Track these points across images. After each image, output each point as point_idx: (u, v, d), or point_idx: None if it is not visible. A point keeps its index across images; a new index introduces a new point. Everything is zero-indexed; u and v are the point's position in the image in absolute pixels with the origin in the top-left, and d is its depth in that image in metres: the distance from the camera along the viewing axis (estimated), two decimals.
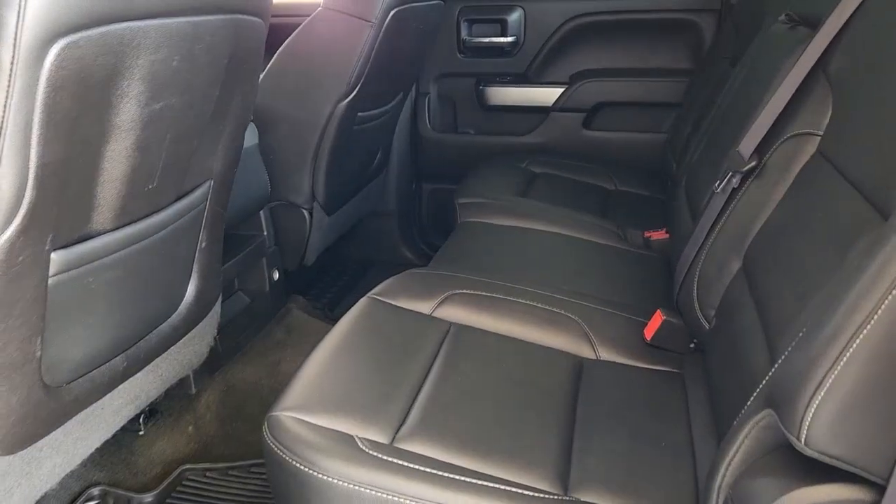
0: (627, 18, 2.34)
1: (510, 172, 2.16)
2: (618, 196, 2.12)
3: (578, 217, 1.80)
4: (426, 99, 2.52)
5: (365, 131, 2.03)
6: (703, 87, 2.06)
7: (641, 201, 2.11)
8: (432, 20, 2.10)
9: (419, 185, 2.64)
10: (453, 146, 2.53)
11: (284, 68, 1.83)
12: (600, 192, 2.13)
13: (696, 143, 1.67)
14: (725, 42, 2.04)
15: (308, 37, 1.80)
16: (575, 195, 2.05)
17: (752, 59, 1.46)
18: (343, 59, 1.77)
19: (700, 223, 1.24)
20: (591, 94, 2.38)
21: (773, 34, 1.40)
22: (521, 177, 2.13)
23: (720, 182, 1.19)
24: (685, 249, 1.27)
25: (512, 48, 2.43)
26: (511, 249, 1.58)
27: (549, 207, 1.83)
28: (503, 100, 2.45)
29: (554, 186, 2.10)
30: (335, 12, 1.76)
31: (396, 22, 1.81)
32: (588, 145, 2.41)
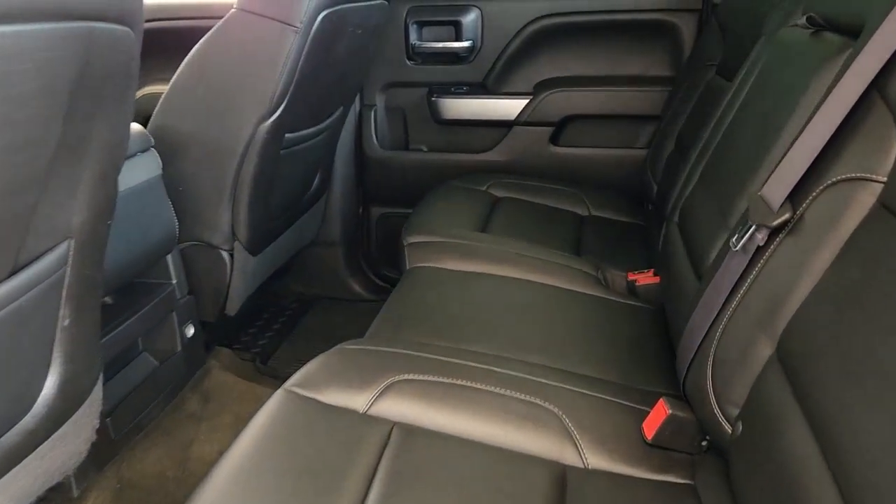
0: (598, 20, 2.06)
1: (468, 199, 1.87)
2: (592, 224, 1.85)
3: (549, 257, 1.52)
4: (372, 112, 2.21)
5: (296, 155, 1.72)
6: (685, 99, 1.79)
7: (619, 230, 1.84)
8: (374, 23, 1.79)
9: (366, 210, 2.33)
10: (404, 165, 2.23)
11: (192, 83, 1.51)
12: (572, 219, 1.85)
13: (688, 171, 1.40)
14: (710, 46, 1.78)
15: (220, 45, 1.49)
16: (544, 225, 1.77)
17: (763, 74, 1.19)
18: (263, 71, 1.46)
19: (710, 287, 0.96)
20: (559, 106, 2.09)
21: (790, 41, 1.13)
22: (481, 204, 1.84)
23: (738, 236, 0.91)
24: (691, 319, 0.99)
25: (468, 54, 2.14)
26: (470, 307, 1.29)
27: (514, 245, 1.54)
28: (459, 113, 2.15)
29: (519, 214, 1.82)
30: (252, 15, 1.45)
31: (328, 26, 1.50)
32: (556, 163, 2.13)
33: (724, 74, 1.59)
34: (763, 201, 0.89)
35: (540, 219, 1.82)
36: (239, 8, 1.46)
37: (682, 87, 1.87)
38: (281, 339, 2.04)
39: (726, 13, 1.74)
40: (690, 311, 1.00)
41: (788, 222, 0.86)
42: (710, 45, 1.79)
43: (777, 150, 0.98)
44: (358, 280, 2.31)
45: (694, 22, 2.00)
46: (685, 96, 1.81)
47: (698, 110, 1.69)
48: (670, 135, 1.82)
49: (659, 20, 2.03)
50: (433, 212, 1.73)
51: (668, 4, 2.01)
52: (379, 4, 1.76)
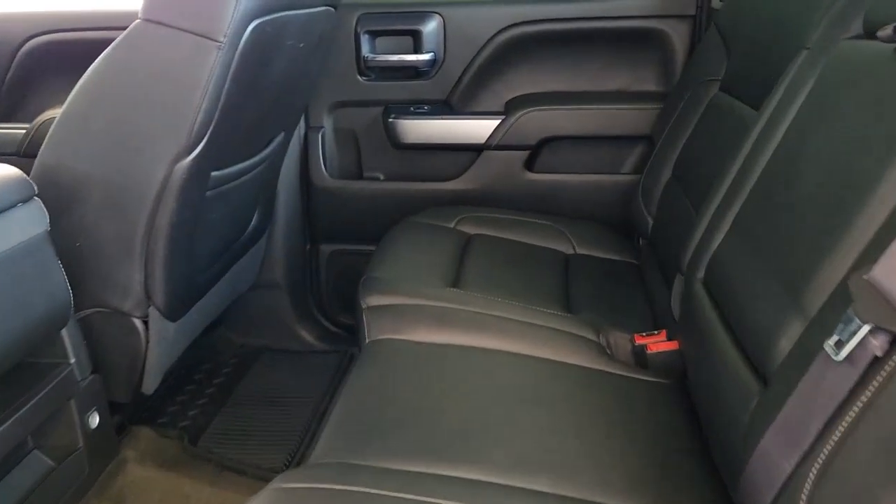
0: (578, 28, 1.80)
1: (435, 240, 1.59)
2: (579, 265, 1.58)
3: (539, 320, 1.25)
4: (319, 136, 1.91)
5: (226, 195, 1.41)
6: (683, 119, 1.55)
7: (611, 272, 1.58)
8: (319, 33, 1.50)
9: (315, 248, 2.03)
10: (357, 196, 1.93)
11: (88, 112, 1.20)
12: (556, 260, 1.59)
13: (709, 216, 1.14)
14: (710, 58, 1.53)
15: (122, 65, 1.18)
16: (525, 270, 1.50)
17: (821, 100, 0.93)
18: (178, 97, 1.16)
19: (794, 403, 0.70)
20: (535, 127, 1.83)
21: (860, 59, 0.88)
22: (451, 245, 1.56)
23: (839, 340, 0.65)
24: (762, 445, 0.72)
25: (429, 68, 1.86)
26: (448, 403, 1.00)
27: (496, 306, 1.27)
28: (420, 136, 1.87)
29: (496, 257, 1.54)
30: (162, 27, 1.14)
31: (260, 39, 1.21)
32: (533, 192, 1.86)
33: (735, 94, 1.34)
34: (876, 290, 0.63)
35: (520, 262, 1.54)
36: (144, 18, 1.15)
37: (676, 104, 1.62)
38: (217, 407, 1.72)
39: (731, 20, 1.50)
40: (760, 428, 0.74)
41: None
42: (709, 58, 1.55)
43: (874, 209, 0.72)
44: (308, 327, 2.00)
45: (687, 30, 1.76)
46: (683, 116, 1.57)
47: (704, 135, 1.44)
48: (666, 160, 1.57)
49: (646, 28, 1.78)
50: (395, 261, 1.44)
51: (657, 10, 1.76)
52: (323, 12, 1.47)
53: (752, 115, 1.18)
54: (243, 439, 1.61)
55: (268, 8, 1.19)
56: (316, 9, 1.40)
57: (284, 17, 1.26)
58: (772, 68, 1.17)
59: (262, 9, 1.18)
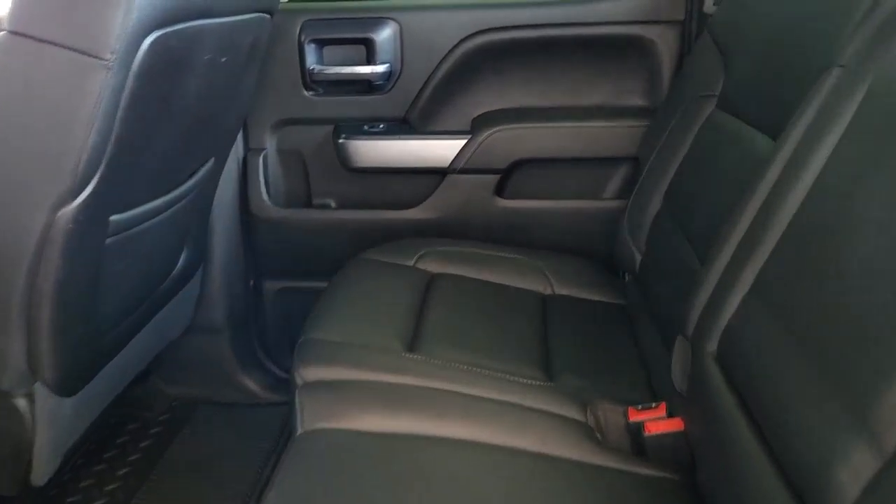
0: (553, 35, 1.58)
1: (392, 283, 1.36)
2: (559, 309, 1.37)
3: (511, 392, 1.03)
4: (260, 159, 1.68)
5: (137, 240, 1.17)
6: (675, 140, 1.34)
7: (595, 318, 1.37)
8: (249, 43, 1.27)
9: (258, 285, 1.79)
10: (305, 227, 1.70)
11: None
12: (532, 304, 1.37)
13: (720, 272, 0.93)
14: (704, 71, 1.33)
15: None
16: (496, 322, 1.28)
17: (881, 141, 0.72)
18: (56, 129, 0.92)
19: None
20: (506, 148, 1.61)
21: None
22: (410, 291, 1.34)
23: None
24: None
25: (384, 81, 1.63)
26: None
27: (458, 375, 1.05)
28: (375, 158, 1.64)
29: (461, 305, 1.32)
30: (32, 42, 0.90)
31: (163, 54, 0.97)
32: (504, 221, 1.65)
33: (738, 114, 1.14)
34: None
35: (490, 309, 1.32)
36: (11, 30, 0.91)
37: (666, 122, 1.42)
38: (141, 478, 1.48)
39: (729, 27, 1.30)
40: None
41: None
42: (703, 70, 1.35)
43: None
44: (252, 374, 1.76)
45: (675, 37, 1.55)
46: (674, 136, 1.36)
47: (702, 161, 1.23)
48: (656, 187, 1.37)
49: (630, 35, 1.57)
50: (341, 315, 1.22)
51: (641, 15, 1.55)
52: (253, 20, 1.24)
53: (767, 144, 0.97)
54: None
55: (171, 17, 0.96)
56: (241, 16, 1.17)
57: (195, 27, 1.03)
58: (789, 88, 0.96)
59: (163, 18, 0.94)
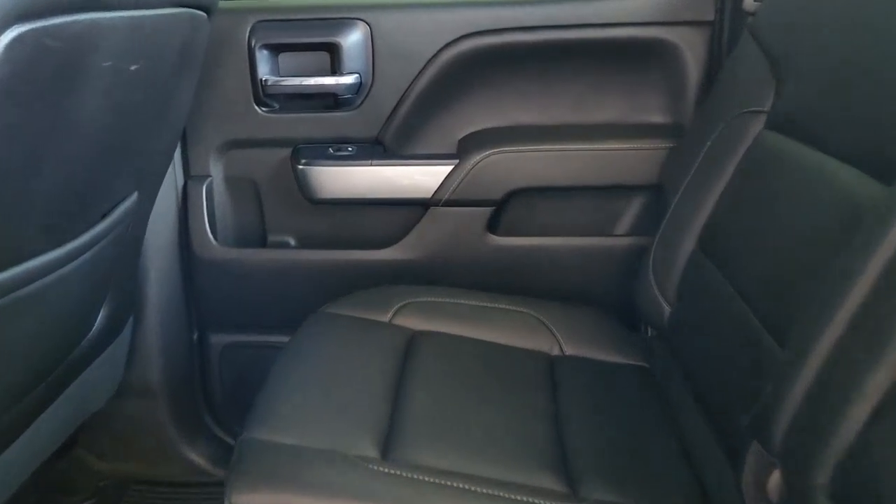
0: (557, 39, 1.32)
1: (363, 348, 1.10)
2: (571, 377, 1.11)
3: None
4: (203, 188, 1.39)
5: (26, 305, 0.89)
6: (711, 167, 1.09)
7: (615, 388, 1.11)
8: (176, 48, 0.99)
9: (203, 339, 1.50)
10: (259, 270, 1.42)
11: None
12: (538, 369, 1.11)
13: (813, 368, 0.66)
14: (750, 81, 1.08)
15: None
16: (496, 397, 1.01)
17: None
18: None
19: None
20: (500, 175, 1.34)
21: None
22: (385, 360, 1.07)
23: None
24: None
25: (353, 95, 1.35)
26: None
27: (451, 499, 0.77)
28: (342, 188, 1.37)
29: (451, 377, 1.05)
30: None
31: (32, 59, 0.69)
32: (500, 263, 1.38)
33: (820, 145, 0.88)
34: None
35: (489, 381, 1.06)
36: None
37: (698, 144, 1.16)
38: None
39: (782, 29, 1.04)
40: None
41: None
42: (745, 80, 1.10)
43: None
44: (197, 446, 1.48)
45: (704, 41, 1.30)
46: (711, 162, 1.11)
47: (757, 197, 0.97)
48: (689, 224, 1.11)
49: (649, 38, 1.31)
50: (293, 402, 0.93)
51: (663, 15, 1.29)
52: (181, 17, 0.96)
53: (872, 187, 0.71)
54: None
55: (42, 6, 0.68)
56: (158, 11, 0.89)
57: (84, 23, 0.74)
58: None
59: (29, 7, 0.66)
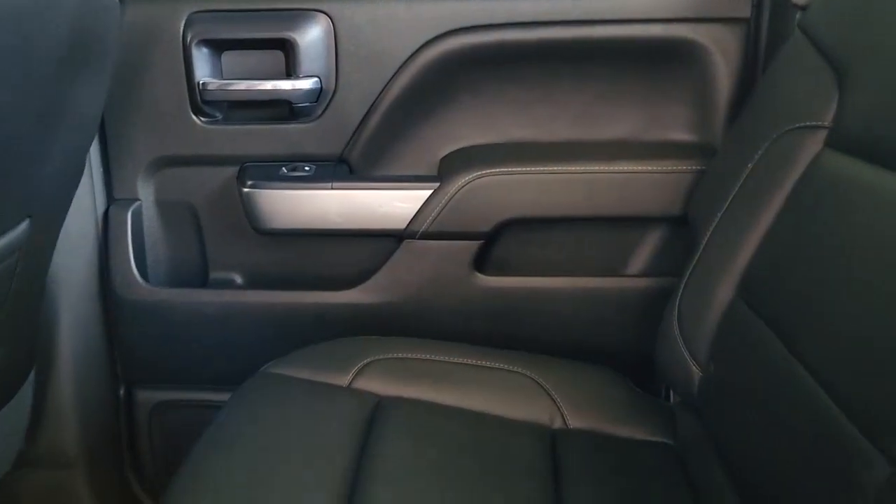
0: (559, 38, 1.11)
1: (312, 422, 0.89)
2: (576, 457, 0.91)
3: None
4: (128, 215, 1.17)
5: None
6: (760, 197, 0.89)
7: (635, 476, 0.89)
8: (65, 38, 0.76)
9: (129, 395, 1.28)
10: (197, 314, 1.21)
11: None
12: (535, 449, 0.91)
13: None
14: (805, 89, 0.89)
15: None
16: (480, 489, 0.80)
17: None
18: None
19: None
20: (489, 202, 1.14)
21: None
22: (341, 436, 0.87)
23: None
24: None
25: (311, 103, 1.15)
26: None
27: None
28: (298, 217, 1.16)
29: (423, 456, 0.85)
30: None
31: None
32: (488, 308, 1.17)
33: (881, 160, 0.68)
34: None
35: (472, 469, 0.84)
36: None
37: (735, 167, 0.95)
38: None
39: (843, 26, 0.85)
40: None
41: None
42: (798, 89, 0.91)
43: None
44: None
45: (738, 42, 1.09)
46: (752, 188, 0.91)
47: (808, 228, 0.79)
48: (724, 265, 0.92)
49: (673, 38, 1.11)
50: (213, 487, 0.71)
51: (689, 9, 1.09)
52: None
53: None
54: None
55: None
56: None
57: None
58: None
59: None
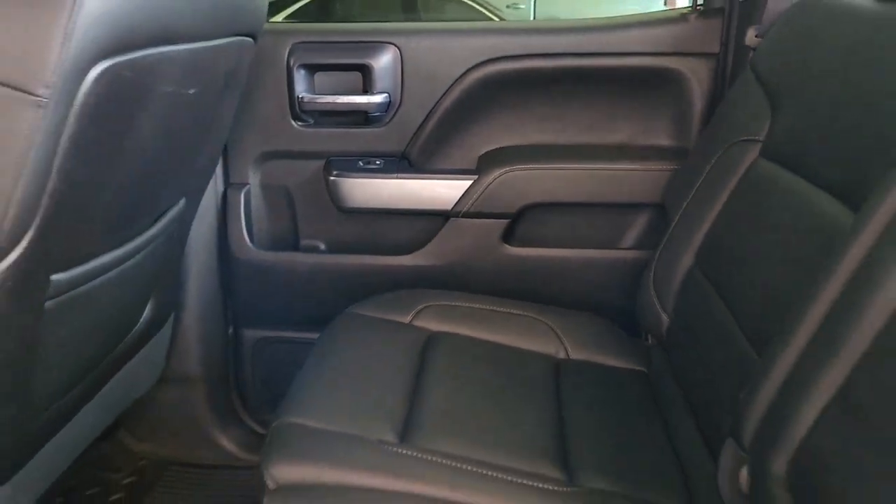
0: (571, 66, 1.42)
1: (385, 346, 1.20)
2: (574, 377, 1.20)
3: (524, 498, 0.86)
4: (242, 195, 1.51)
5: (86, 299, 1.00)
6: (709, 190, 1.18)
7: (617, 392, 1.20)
8: (225, 71, 1.10)
9: (238, 333, 1.62)
10: (291, 272, 1.53)
11: None
12: (544, 370, 1.21)
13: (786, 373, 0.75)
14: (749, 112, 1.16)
15: None
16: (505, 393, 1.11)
17: None
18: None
19: None
20: (516, 190, 1.44)
21: None
22: (405, 354, 1.18)
23: None
24: None
25: (382, 113, 1.47)
26: None
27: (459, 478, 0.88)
28: (370, 198, 1.48)
29: (463, 374, 1.15)
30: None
31: (113, 88, 0.81)
32: (513, 271, 1.48)
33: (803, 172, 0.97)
34: None
35: (497, 380, 1.15)
36: None
37: (699, 167, 1.25)
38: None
39: (780, 66, 1.13)
40: None
41: None
42: (744, 111, 1.18)
43: None
44: (229, 432, 1.59)
45: (709, 71, 1.39)
46: (709, 185, 1.20)
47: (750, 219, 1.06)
48: (688, 242, 1.20)
49: (658, 67, 1.41)
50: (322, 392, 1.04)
51: (671, 46, 1.39)
52: (232, 45, 1.07)
53: (842, 213, 0.81)
54: None
55: (123, 44, 0.79)
56: (215, 42, 1.01)
57: (155, 55, 0.86)
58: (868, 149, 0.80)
59: (113, 46, 0.78)
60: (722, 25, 1.37)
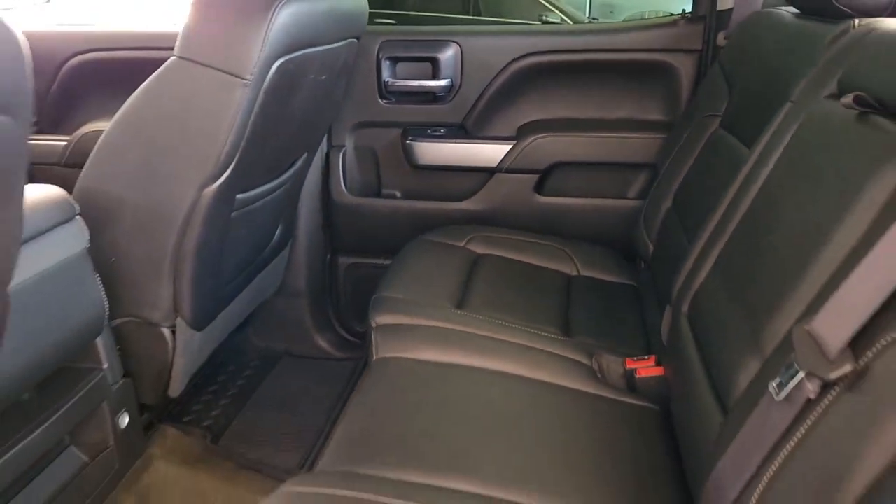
0: (587, 59, 1.88)
1: (445, 259, 1.68)
2: (581, 287, 1.67)
3: (537, 343, 1.34)
4: (340, 154, 2.01)
5: (251, 214, 1.52)
6: (685, 151, 1.62)
7: (611, 295, 1.66)
8: (341, 64, 1.60)
9: (334, 259, 2.13)
10: (375, 213, 2.03)
11: (124, 141, 1.31)
12: (559, 282, 1.67)
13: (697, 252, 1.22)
14: (712, 95, 1.60)
15: (156, 98, 1.29)
16: (528, 292, 1.58)
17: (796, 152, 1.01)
18: (206, 130, 1.26)
19: (744, 434, 0.78)
20: (545, 152, 1.91)
21: (829, 121, 0.96)
22: (460, 265, 1.66)
23: (781, 382, 0.73)
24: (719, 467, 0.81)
25: (445, 93, 1.95)
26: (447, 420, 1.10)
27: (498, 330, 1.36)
28: (436, 157, 1.96)
29: (502, 278, 1.63)
30: (194, 65, 1.25)
31: (285, 76, 1.31)
32: (542, 214, 1.95)
33: (733, 131, 1.42)
34: (814, 341, 0.71)
35: (524, 283, 1.63)
36: (179, 55, 1.26)
37: (680, 136, 1.70)
38: (238, 408, 1.83)
39: (733, 59, 1.57)
40: (717, 454, 0.82)
41: (850, 375, 0.68)
42: (712, 93, 1.62)
43: (825, 264, 0.80)
44: (325, 336, 2.10)
45: (693, 64, 1.83)
46: (684, 148, 1.64)
47: (702, 168, 1.51)
48: (668, 189, 1.65)
49: (654, 61, 1.86)
50: (405, 281, 1.54)
51: (664, 44, 1.83)
52: (346, 45, 1.57)
53: (745, 153, 1.25)
54: (261, 440, 1.72)
55: (291, 47, 1.30)
56: (338, 43, 1.50)
57: (307, 54, 1.36)
58: (762, 113, 1.24)
59: (286, 48, 1.28)
60: (704, 29, 1.80)
